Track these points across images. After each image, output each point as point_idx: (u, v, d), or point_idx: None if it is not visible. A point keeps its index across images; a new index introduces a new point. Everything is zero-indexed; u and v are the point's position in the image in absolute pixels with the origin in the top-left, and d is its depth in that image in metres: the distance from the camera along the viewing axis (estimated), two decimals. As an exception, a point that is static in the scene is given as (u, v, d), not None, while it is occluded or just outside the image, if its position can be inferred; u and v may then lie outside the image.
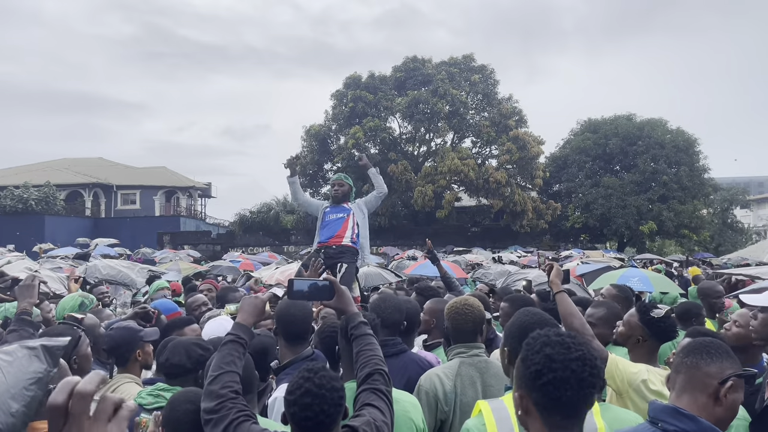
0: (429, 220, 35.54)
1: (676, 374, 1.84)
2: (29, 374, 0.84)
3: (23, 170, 42.52)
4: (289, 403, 1.86)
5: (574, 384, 1.38)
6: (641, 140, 34.71)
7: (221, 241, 36.96)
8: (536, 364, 1.42)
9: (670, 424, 1.74)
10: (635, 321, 2.95)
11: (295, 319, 2.90)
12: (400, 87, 35.73)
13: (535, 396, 1.42)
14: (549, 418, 1.42)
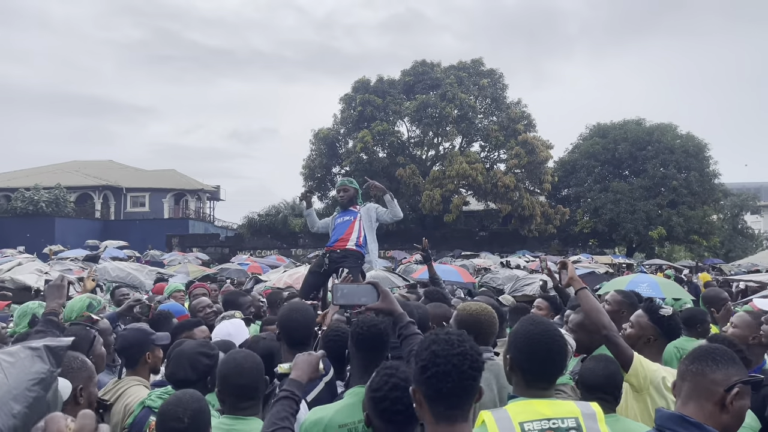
0: (437, 224, 35.50)
1: (682, 381, 1.83)
2: (32, 375, 0.84)
3: (34, 172, 42.87)
4: (377, 400, 1.93)
5: (455, 376, 1.53)
6: (651, 145, 34.57)
7: (229, 244, 37.12)
8: (423, 360, 1.57)
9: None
10: (645, 321, 2.97)
11: (297, 325, 2.90)
12: (408, 91, 35.78)
13: (423, 389, 1.57)
14: (434, 409, 1.56)
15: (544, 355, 1.86)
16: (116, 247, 24.12)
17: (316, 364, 2.34)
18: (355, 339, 2.52)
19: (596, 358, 2.67)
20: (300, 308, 3.03)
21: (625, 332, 3.00)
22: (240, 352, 2.52)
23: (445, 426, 1.56)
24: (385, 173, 34.50)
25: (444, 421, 1.56)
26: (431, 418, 1.58)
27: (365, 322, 2.57)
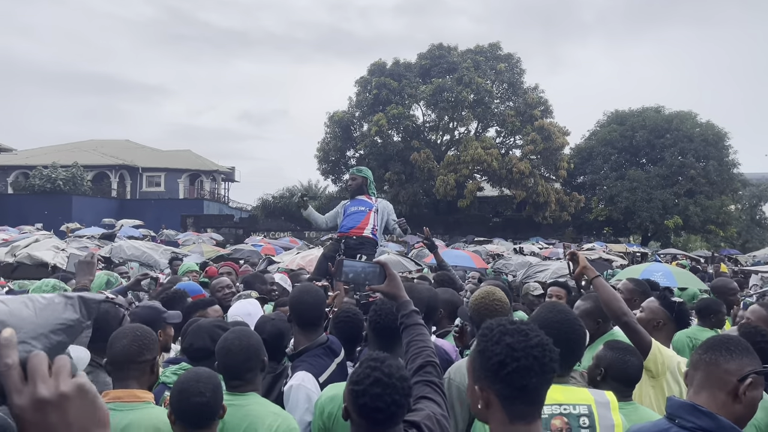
0: (450, 209, 35.43)
1: (695, 371, 1.82)
2: (61, 320, 0.85)
3: (51, 150, 43.30)
4: (357, 394, 1.76)
5: (538, 370, 1.38)
6: (669, 133, 34.09)
7: (243, 225, 37.32)
8: (498, 355, 1.40)
9: (688, 421, 1.72)
10: (657, 306, 3.02)
11: (308, 306, 2.91)
12: (424, 74, 35.52)
13: (498, 387, 1.40)
14: (512, 408, 1.40)
15: (563, 343, 1.80)
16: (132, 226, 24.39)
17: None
18: (372, 326, 2.54)
19: (621, 349, 2.60)
20: (311, 290, 3.05)
21: (637, 315, 3.01)
22: (233, 332, 2.51)
23: (522, 425, 1.41)
24: (400, 157, 34.42)
25: (521, 420, 1.41)
26: (504, 418, 1.41)
27: (383, 310, 2.55)
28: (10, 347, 0.72)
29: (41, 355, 0.74)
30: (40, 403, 0.71)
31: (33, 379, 0.72)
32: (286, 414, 2.45)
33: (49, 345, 0.81)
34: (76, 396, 0.73)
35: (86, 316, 0.90)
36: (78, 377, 0.76)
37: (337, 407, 2.40)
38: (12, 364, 0.71)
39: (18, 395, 0.71)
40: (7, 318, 0.78)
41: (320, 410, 2.45)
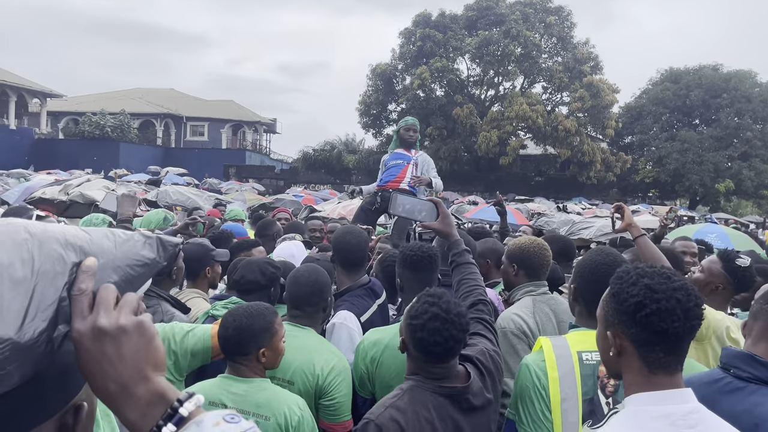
0: (492, 166, 34.96)
1: (754, 321, 1.75)
2: (139, 256, 0.86)
3: (100, 98, 44.21)
4: (414, 328, 1.79)
5: (681, 314, 1.26)
6: (726, 93, 32.55)
7: (284, 177, 37.72)
8: (635, 296, 1.28)
9: (744, 371, 1.66)
10: (718, 268, 2.80)
11: (351, 247, 2.93)
12: (470, 27, 34.55)
13: (635, 331, 1.29)
14: (649, 355, 1.29)
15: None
16: (176, 174, 24.91)
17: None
18: (406, 262, 2.51)
19: None
20: (354, 231, 3.07)
21: (693, 276, 2.87)
22: (306, 266, 2.58)
23: (663, 376, 1.29)
24: (442, 112, 33.93)
25: (662, 369, 1.29)
26: (641, 367, 1.30)
27: (415, 246, 2.57)
28: (89, 274, 0.74)
29: (111, 288, 0.76)
30: (98, 331, 0.72)
31: (97, 308, 0.73)
32: (341, 354, 2.47)
33: (124, 278, 0.82)
34: (134, 332, 0.74)
35: (162, 257, 0.90)
36: (141, 316, 0.78)
37: (380, 351, 2.41)
38: (85, 290, 0.73)
39: (81, 321, 0.72)
40: (88, 247, 0.79)
41: (363, 355, 2.45)
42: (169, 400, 0.74)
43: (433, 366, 1.83)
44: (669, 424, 1.23)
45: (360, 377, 2.45)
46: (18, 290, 0.69)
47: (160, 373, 0.76)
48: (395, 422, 1.73)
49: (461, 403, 1.82)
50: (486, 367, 1.95)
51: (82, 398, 0.82)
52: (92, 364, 0.73)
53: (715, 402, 1.69)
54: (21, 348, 0.68)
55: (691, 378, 1.89)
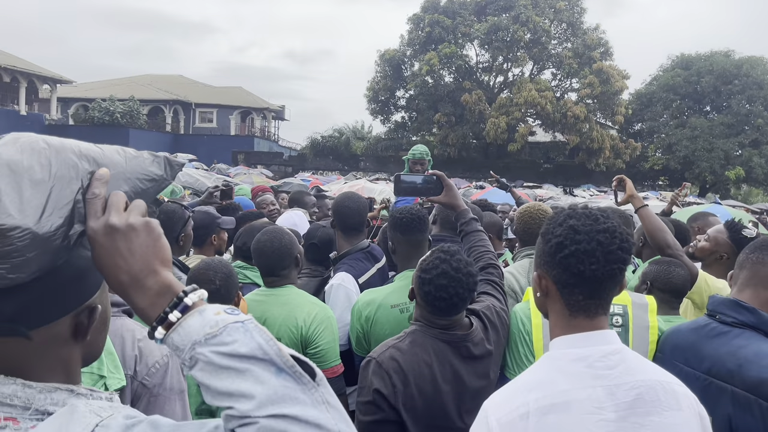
0: (500, 153, 34.84)
1: (740, 270, 1.79)
2: (147, 171, 0.94)
3: (109, 84, 44.36)
4: (423, 281, 1.87)
5: (600, 257, 1.22)
6: (738, 79, 32.20)
7: (293, 163, 37.79)
8: (558, 237, 1.26)
9: (728, 316, 1.72)
10: (724, 238, 2.82)
11: (350, 212, 3.01)
12: (479, 12, 34.31)
13: (556, 272, 1.27)
14: (570, 297, 1.27)
15: None
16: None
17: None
18: (397, 224, 2.59)
19: (666, 262, 2.56)
20: (353, 197, 3.15)
21: (698, 244, 2.90)
22: (265, 232, 2.60)
23: (583, 319, 1.27)
24: (450, 98, 33.80)
25: (582, 313, 1.27)
26: (563, 310, 1.29)
27: (404, 208, 2.65)
28: (102, 181, 0.83)
29: (121, 194, 0.84)
30: (110, 228, 0.80)
31: (109, 209, 0.82)
32: (323, 304, 2.57)
33: (134, 190, 0.90)
34: (142, 230, 0.82)
35: (169, 175, 0.98)
36: (149, 218, 0.86)
37: (374, 311, 2.49)
38: (99, 194, 0.82)
39: (95, 220, 0.81)
40: (101, 158, 0.87)
41: (358, 314, 2.53)
42: (176, 291, 0.81)
43: (438, 317, 1.90)
44: (587, 366, 1.23)
45: (356, 336, 2.53)
46: (37, 189, 0.78)
47: (167, 268, 0.83)
48: (394, 361, 1.82)
49: (461, 350, 1.89)
50: (491, 320, 2.02)
51: (96, 302, 0.91)
52: (106, 258, 0.81)
53: (700, 346, 1.76)
54: (39, 238, 0.76)
55: (679, 326, 1.95)
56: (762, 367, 1.58)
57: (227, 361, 0.74)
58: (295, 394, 0.75)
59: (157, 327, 0.79)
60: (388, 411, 1.78)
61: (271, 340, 0.77)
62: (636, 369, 1.25)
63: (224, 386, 0.74)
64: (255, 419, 0.72)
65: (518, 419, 1.18)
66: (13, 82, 36.06)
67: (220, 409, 0.76)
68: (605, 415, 1.19)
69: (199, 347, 0.75)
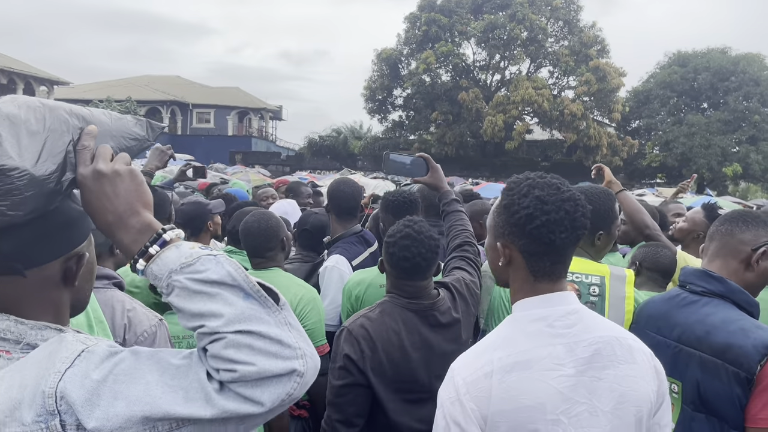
0: (497, 151, 34.90)
1: (710, 241, 1.85)
2: (131, 132, 1.05)
3: (106, 85, 44.37)
4: (388, 245, 2.00)
5: (568, 225, 1.27)
6: (734, 76, 32.23)
7: (290, 163, 37.82)
8: (526, 208, 1.28)
9: (698, 286, 1.78)
10: (701, 218, 3.00)
11: (345, 196, 3.08)
12: (476, 11, 34.35)
13: (524, 242, 1.30)
14: (537, 265, 1.31)
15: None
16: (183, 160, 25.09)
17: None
18: (389, 206, 2.69)
19: (654, 245, 2.69)
20: (348, 181, 3.22)
21: (677, 225, 3.03)
22: (253, 214, 2.67)
23: (547, 283, 1.32)
24: (447, 97, 33.85)
25: (546, 277, 1.31)
26: (528, 276, 1.32)
27: (396, 191, 2.75)
28: (91, 135, 0.94)
29: (107, 147, 0.95)
30: (98, 173, 0.91)
31: (97, 158, 0.93)
32: (309, 286, 2.64)
33: (119, 146, 1.00)
34: (127, 176, 0.93)
35: (151, 136, 1.09)
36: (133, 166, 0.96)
37: (363, 290, 2.58)
38: (88, 146, 0.93)
39: (84, 167, 0.91)
40: (89, 117, 0.97)
41: (348, 294, 2.63)
42: (156, 228, 0.90)
43: (405, 283, 2.01)
44: (546, 326, 1.28)
45: (347, 315, 2.61)
46: (33, 139, 0.88)
47: (148, 210, 0.93)
48: (363, 329, 1.94)
49: (429, 318, 2.01)
50: (459, 291, 2.13)
51: (84, 250, 1.00)
52: (94, 200, 0.91)
53: (672, 315, 1.82)
54: (36, 180, 0.85)
55: (653, 297, 2.01)
56: (728, 332, 1.64)
57: (200, 286, 0.83)
58: (260, 315, 0.84)
59: (139, 259, 0.88)
60: (357, 375, 1.90)
61: (239, 269, 0.87)
62: (593, 326, 1.31)
63: (197, 308, 0.83)
64: (223, 334, 0.81)
65: (483, 378, 1.24)
66: (10, 83, 36.06)
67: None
68: (565, 371, 1.25)
69: (175, 275, 0.84)
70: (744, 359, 1.58)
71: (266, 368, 0.80)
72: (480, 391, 1.22)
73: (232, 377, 0.80)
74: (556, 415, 1.22)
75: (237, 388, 0.80)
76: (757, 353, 1.56)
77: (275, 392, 0.81)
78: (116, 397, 0.80)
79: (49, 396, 0.80)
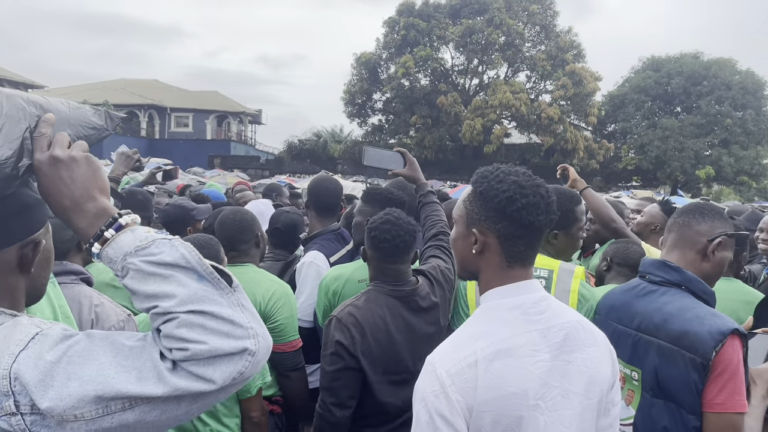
0: (476, 155, 35.10)
1: (668, 233, 1.91)
2: (89, 121, 1.06)
3: (82, 89, 43.79)
4: (370, 230, 2.16)
5: (544, 208, 1.33)
6: (707, 80, 32.92)
7: (270, 167, 37.60)
8: (505, 192, 1.31)
9: (657, 276, 1.84)
10: (657, 211, 3.20)
11: (327, 192, 3.11)
12: (454, 15, 34.58)
13: (503, 226, 1.33)
14: (512, 249, 1.34)
15: None
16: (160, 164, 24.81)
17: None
18: (375, 201, 2.75)
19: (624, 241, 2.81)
20: (330, 178, 3.29)
21: (636, 220, 3.16)
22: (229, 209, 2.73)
23: (519, 269, 1.35)
24: (426, 101, 34.00)
25: (519, 263, 1.35)
26: (501, 262, 1.35)
27: (377, 185, 2.81)
28: (48, 123, 0.95)
29: (64, 134, 0.97)
30: (54, 160, 0.92)
31: (54, 144, 0.94)
32: (282, 281, 2.67)
33: (76, 135, 1.01)
34: (83, 162, 0.95)
35: (109, 126, 1.10)
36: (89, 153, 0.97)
37: (341, 285, 2.60)
38: (45, 134, 0.94)
39: (41, 153, 0.93)
40: (47, 106, 0.98)
41: (325, 289, 2.64)
42: (111, 213, 0.92)
43: (386, 266, 2.14)
44: (522, 313, 1.33)
45: (323, 310, 2.62)
46: None
47: (104, 195, 0.94)
48: (352, 316, 2.06)
49: (410, 303, 2.15)
50: (435, 278, 2.28)
51: (41, 237, 1.01)
52: (51, 185, 0.92)
53: (631, 305, 1.88)
54: None
55: (614, 289, 2.07)
56: (684, 320, 1.70)
57: (154, 268, 0.85)
58: (213, 296, 0.86)
59: (94, 243, 0.90)
60: (349, 359, 2.02)
61: (194, 252, 0.88)
62: (560, 312, 1.38)
63: (151, 289, 0.85)
64: (176, 314, 0.83)
65: (467, 368, 1.25)
66: (-17, 87, 35.42)
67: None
68: (541, 356, 1.30)
69: (130, 257, 0.86)
70: (700, 345, 1.63)
71: (218, 347, 0.82)
72: (466, 381, 1.24)
73: (184, 356, 0.82)
74: (535, 400, 1.26)
75: (189, 366, 0.82)
76: (713, 339, 1.62)
77: (227, 370, 0.83)
78: (69, 377, 0.81)
79: (3, 377, 0.81)
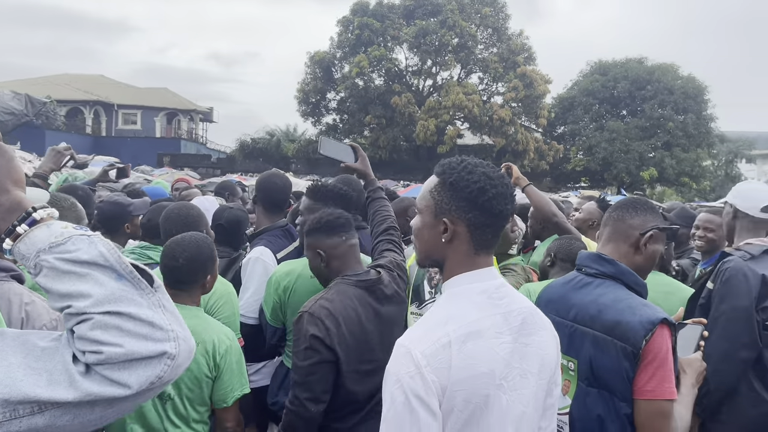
0: (430, 155, 35.38)
1: (604, 227, 1.97)
2: (7, 106, 1.03)
3: (23, 84, 41.96)
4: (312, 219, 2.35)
5: (509, 198, 1.42)
6: (650, 85, 34.17)
7: (221, 166, 36.92)
8: (476, 183, 1.37)
9: (592, 268, 1.89)
10: (594, 208, 3.37)
11: (276, 187, 3.06)
12: (408, 16, 34.80)
13: (474, 215, 1.38)
14: (481, 237, 1.40)
15: None
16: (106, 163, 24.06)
17: None
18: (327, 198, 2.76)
19: (567, 237, 2.92)
20: (280, 174, 3.25)
21: (575, 216, 3.28)
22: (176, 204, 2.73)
23: (485, 256, 1.42)
24: (381, 101, 34.09)
25: (484, 250, 1.41)
26: (469, 249, 1.41)
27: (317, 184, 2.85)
28: None
29: None
30: None
31: None
32: (224, 279, 2.66)
33: None
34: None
35: (30, 111, 1.04)
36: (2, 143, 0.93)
37: (293, 281, 2.57)
38: None
39: None
40: None
41: (275, 285, 2.60)
42: (25, 207, 0.87)
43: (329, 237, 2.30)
44: (487, 298, 1.40)
45: (272, 307, 2.58)
46: None
47: (19, 188, 0.89)
48: (325, 309, 2.08)
49: (376, 292, 2.23)
50: (392, 270, 2.40)
51: None
52: None
53: (568, 297, 1.92)
54: None
55: (552, 282, 2.11)
56: (617, 310, 1.75)
57: (69, 266, 0.80)
58: (132, 296, 0.81)
59: (5, 239, 0.84)
60: (325, 352, 2.03)
61: (113, 250, 0.83)
62: (516, 298, 1.46)
63: (65, 288, 0.80)
64: (90, 315, 0.78)
65: (441, 349, 1.30)
66: None
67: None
68: (505, 338, 1.36)
69: (44, 254, 0.81)
70: (631, 334, 1.68)
71: (134, 350, 0.78)
72: (440, 362, 1.28)
73: (97, 359, 0.77)
74: (500, 380, 1.33)
75: (103, 370, 0.78)
76: (643, 329, 1.67)
77: (143, 375, 0.79)
78: None
79: None
